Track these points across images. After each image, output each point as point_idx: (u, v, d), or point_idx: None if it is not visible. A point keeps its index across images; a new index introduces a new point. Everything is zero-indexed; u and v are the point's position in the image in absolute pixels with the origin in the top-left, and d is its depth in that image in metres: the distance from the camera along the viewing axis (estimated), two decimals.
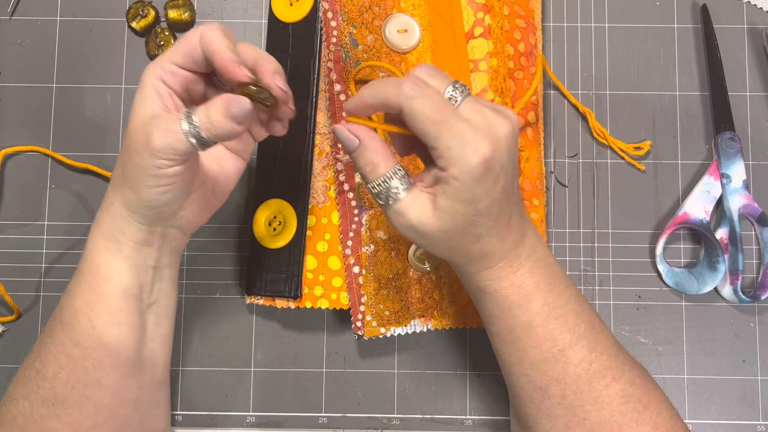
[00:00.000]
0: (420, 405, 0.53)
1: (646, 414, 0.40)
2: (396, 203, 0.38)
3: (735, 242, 0.52)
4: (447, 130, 0.36)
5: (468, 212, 0.37)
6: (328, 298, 0.51)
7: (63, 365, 0.41)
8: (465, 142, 0.36)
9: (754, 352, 0.52)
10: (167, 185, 0.39)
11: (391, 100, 0.37)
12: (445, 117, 0.36)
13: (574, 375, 0.40)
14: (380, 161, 0.38)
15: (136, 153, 0.38)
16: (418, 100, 0.36)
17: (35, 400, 0.41)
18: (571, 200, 0.54)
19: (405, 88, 0.36)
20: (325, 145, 0.52)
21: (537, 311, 0.40)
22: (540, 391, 0.41)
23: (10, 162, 0.55)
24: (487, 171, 0.36)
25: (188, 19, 0.55)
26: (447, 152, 0.36)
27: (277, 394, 0.53)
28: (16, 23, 0.56)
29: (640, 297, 0.53)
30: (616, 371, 0.40)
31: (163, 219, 0.41)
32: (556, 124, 0.54)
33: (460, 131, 0.36)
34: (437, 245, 0.39)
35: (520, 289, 0.40)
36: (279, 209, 0.51)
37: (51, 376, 0.41)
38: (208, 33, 0.39)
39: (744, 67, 0.55)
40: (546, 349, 0.40)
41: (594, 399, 0.40)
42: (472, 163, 0.35)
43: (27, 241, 0.54)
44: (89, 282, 0.41)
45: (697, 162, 0.54)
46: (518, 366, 0.42)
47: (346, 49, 0.51)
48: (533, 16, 0.53)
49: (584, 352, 0.40)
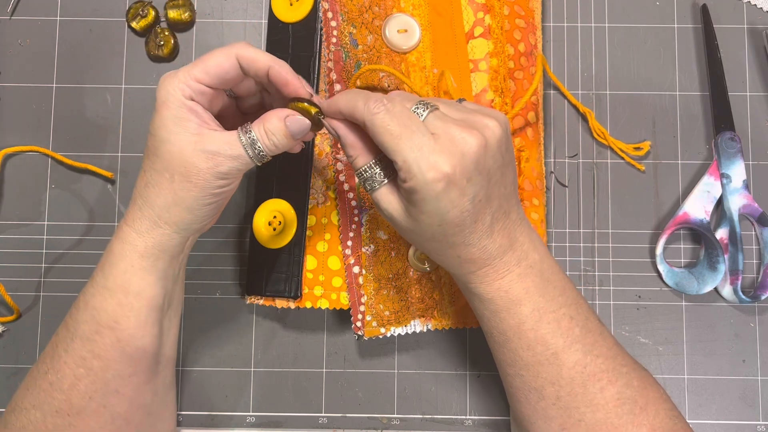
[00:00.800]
0: (420, 405, 0.53)
1: (643, 416, 0.40)
2: (373, 192, 0.40)
3: (735, 242, 0.52)
4: (406, 145, 0.37)
5: (433, 222, 0.38)
6: (328, 298, 0.51)
7: (81, 377, 0.41)
8: (421, 158, 0.36)
9: (754, 352, 0.52)
10: (223, 199, 0.41)
11: (357, 113, 0.38)
12: (404, 132, 0.37)
13: (568, 377, 0.40)
14: (358, 155, 0.40)
15: (195, 176, 0.39)
16: (380, 115, 0.37)
17: (48, 411, 0.41)
18: (571, 200, 0.54)
19: (370, 103, 0.38)
20: (325, 145, 0.52)
21: (527, 315, 0.40)
22: (535, 392, 0.41)
23: (10, 162, 0.55)
24: (448, 185, 0.36)
25: (188, 19, 0.55)
26: (404, 166, 0.37)
27: (277, 394, 0.53)
28: (16, 23, 0.56)
29: (640, 297, 0.53)
30: (613, 374, 0.40)
31: (202, 230, 0.43)
32: (556, 124, 0.54)
33: (418, 146, 0.36)
34: (415, 243, 0.41)
35: (508, 294, 0.40)
36: (279, 209, 0.51)
37: (67, 388, 0.41)
38: (248, 52, 0.40)
39: (744, 67, 0.55)
40: (539, 352, 0.40)
41: (589, 401, 0.40)
42: (429, 178, 0.36)
43: (27, 241, 0.54)
44: (118, 299, 0.41)
45: (697, 162, 0.54)
46: (512, 367, 0.42)
47: (346, 49, 0.51)
48: (533, 16, 0.53)
49: (578, 356, 0.40)
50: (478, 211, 0.38)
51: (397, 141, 0.37)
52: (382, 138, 0.37)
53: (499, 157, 0.38)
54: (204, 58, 0.40)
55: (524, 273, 0.40)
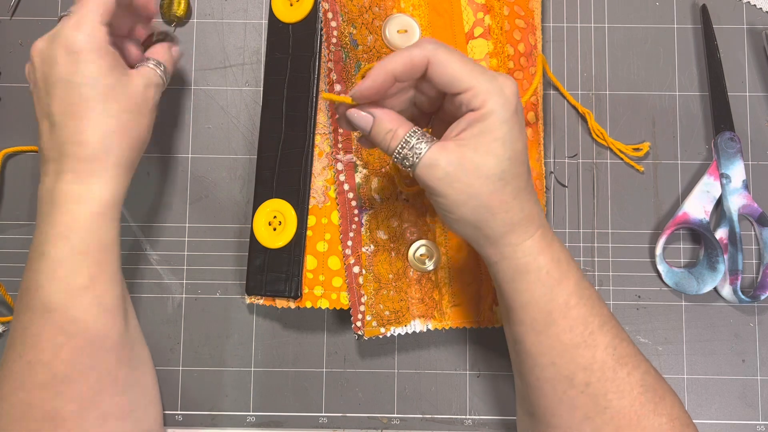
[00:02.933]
0: (420, 405, 0.53)
1: (662, 405, 0.40)
2: (423, 157, 0.38)
3: (735, 242, 0.52)
4: (477, 69, 0.38)
5: (503, 156, 0.38)
6: (328, 298, 0.51)
7: (62, 344, 0.41)
8: (496, 77, 0.38)
9: (754, 352, 0.52)
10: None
11: (415, 58, 0.38)
12: (470, 61, 0.38)
13: (601, 360, 0.40)
14: (398, 127, 0.40)
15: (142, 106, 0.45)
16: (443, 49, 0.38)
17: (31, 388, 0.41)
18: (571, 200, 0.54)
19: (426, 43, 0.38)
20: (325, 145, 0.52)
21: (572, 291, 0.40)
22: (565, 381, 0.40)
23: (10, 162, 0.55)
24: (517, 111, 0.38)
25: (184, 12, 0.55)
26: (480, 88, 0.37)
27: (277, 394, 0.53)
28: (16, 23, 0.56)
29: (640, 297, 0.53)
30: (636, 359, 0.41)
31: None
32: (556, 124, 0.54)
33: (487, 71, 0.38)
34: (465, 203, 0.38)
35: (560, 265, 0.40)
36: (279, 209, 0.51)
37: (48, 360, 0.41)
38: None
39: (744, 67, 0.55)
40: (578, 333, 0.40)
41: (617, 387, 0.40)
42: (508, 93, 0.38)
43: (27, 241, 0.54)
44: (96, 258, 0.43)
45: (697, 162, 0.54)
46: (546, 355, 0.41)
47: (346, 50, 0.51)
48: (533, 16, 0.53)
49: (609, 337, 0.40)
50: (526, 161, 0.39)
51: (471, 67, 0.38)
52: (452, 67, 0.38)
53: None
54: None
55: (556, 240, 0.41)
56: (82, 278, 0.42)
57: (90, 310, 0.42)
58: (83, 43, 0.42)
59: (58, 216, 0.42)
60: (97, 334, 0.42)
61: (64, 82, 0.42)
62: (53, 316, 0.42)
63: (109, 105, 0.43)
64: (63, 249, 0.42)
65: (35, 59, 0.43)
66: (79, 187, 0.42)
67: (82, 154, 0.42)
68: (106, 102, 0.42)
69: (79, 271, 0.42)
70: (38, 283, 0.42)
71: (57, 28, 0.43)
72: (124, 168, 0.44)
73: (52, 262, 0.42)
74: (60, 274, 0.42)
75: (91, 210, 0.42)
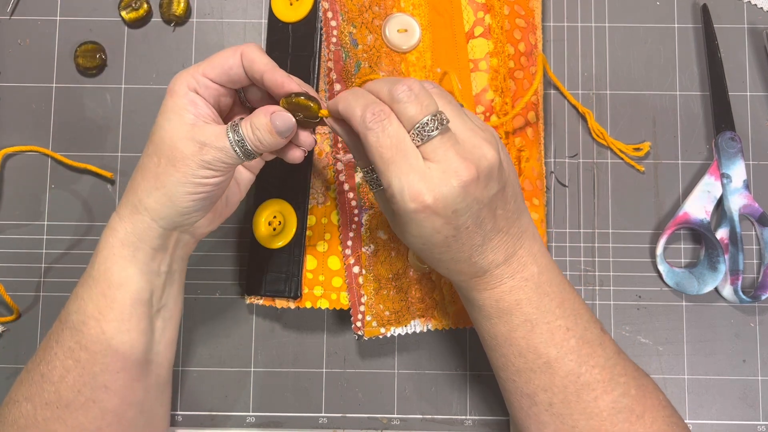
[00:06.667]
0: (420, 405, 0.53)
1: (639, 424, 0.39)
2: (375, 190, 0.41)
3: (735, 242, 0.52)
4: (393, 170, 0.36)
5: (417, 242, 0.38)
6: (328, 298, 0.51)
7: (70, 369, 0.41)
8: (406, 186, 0.36)
9: (755, 352, 0.52)
10: (207, 194, 0.40)
11: (354, 122, 0.37)
12: (395, 156, 0.36)
13: (561, 386, 0.40)
14: (358, 158, 0.40)
15: (180, 162, 0.39)
16: (375, 132, 0.36)
17: (39, 403, 0.41)
18: (572, 200, 0.54)
19: (368, 115, 0.36)
20: (325, 145, 0.52)
21: (517, 325, 0.40)
22: (527, 398, 0.41)
23: (10, 162, 0.55)
24: (430, 216, 0.36)
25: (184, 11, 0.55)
26: (389, 190, 0.37)
27: (277, 394, 0.53)
28: (16, 23, 0.56)
29: (641, 297, 0.53)
30: (609, 384, 0.40)
31: (186, 225, 0.42)
32: (557, 124, 0.54)
33: (405, 173, 0.36)
34: (408, 246, 0.41)
35: (499, 303, 0.40)
36: (279, 209, 0.51)
37: (57, 380, 0.41)
38: (251, 53, 0.40)
39: (744, 67, 0.55)
40: (530, 360, 0.40)
41: (582, 409, 0.39)
42: (410, 208, 0.36)
43: (27, 241, 0.54)
44: (101, 289, 0.41)
45: (698, 162, 0.54)
46: (504, 371, 0.42)
47: (346, 49, 0.51)
48: (533, 15, 0.53)
49: (572, 366, 0.39)
50: (466, 236, 0.37)
51: (386, 164, 0.36)
52: (372, 157, 0.37)
53: (494, 184, 0.37)
54: (214, 54, 0.41)
55: (517, 286, 0.39)
56: (93, 307, 0.42)
57: (99, 338, 0.41)
58: (170, 85, 0.41)
59: (100, 242, 0.43)
60: (102, 369, 0.41)
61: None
62: (70, 335, 0.42)
63: (148, 145, 0.41)
64: (88, 273, 0.42)
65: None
66: (113, 218, 0.42)
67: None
68: (149, 141, 0.41)
69: (90, 298, 0.42)
70: (73, 292, 0.43)
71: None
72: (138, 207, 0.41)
73: (82, 282, 0.43)
74: (80, 294, 0.42)
75: (111, 242, 0.42)
